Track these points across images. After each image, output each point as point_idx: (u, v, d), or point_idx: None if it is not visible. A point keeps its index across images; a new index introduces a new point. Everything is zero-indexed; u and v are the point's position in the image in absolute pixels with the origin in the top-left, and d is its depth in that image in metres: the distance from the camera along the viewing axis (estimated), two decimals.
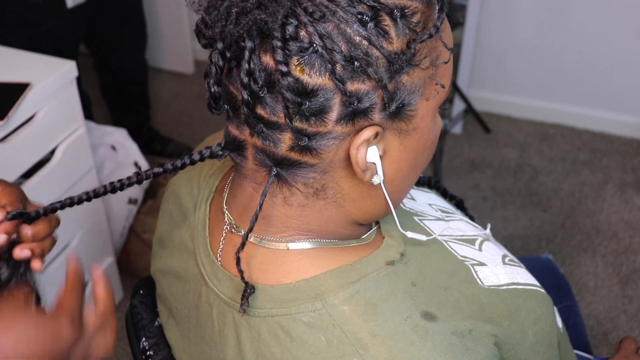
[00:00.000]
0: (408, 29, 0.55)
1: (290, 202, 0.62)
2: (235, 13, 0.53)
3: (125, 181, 0.65)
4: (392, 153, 0.60)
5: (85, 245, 1.62)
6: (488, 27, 2.49)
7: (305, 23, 0.53)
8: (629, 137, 2.51)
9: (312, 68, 0.54)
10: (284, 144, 0.57)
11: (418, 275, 0.65)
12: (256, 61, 0.54)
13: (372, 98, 0.55)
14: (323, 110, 0.55)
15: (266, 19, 0.52)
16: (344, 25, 0.53)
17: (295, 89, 0.54)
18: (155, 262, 0.82)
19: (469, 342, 0.62)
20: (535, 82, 2.56)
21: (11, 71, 1.39)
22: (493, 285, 0.70)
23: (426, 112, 0.60)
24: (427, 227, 0.75)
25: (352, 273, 0.62)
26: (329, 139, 0.57)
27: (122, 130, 1.92)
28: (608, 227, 2.11)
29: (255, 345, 0.63)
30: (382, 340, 0.59)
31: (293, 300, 0.61)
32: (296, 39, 0.53)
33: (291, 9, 0.53)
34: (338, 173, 0.60)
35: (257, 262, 0.64)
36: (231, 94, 0.59)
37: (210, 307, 0.68)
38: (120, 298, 1.85)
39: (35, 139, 1.38)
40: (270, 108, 0.56)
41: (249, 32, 0.53)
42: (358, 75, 0.54)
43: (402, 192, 0.66)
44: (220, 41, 0.56)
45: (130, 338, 0.87)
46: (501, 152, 2.45)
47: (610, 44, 2.38)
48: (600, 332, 1.77)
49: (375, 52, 0.54)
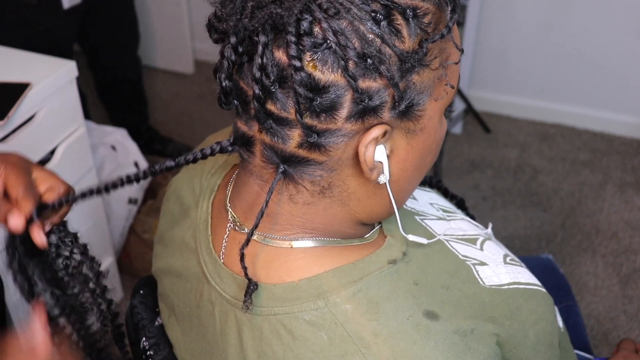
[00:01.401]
0: (420, 29, 0.55)
1: (296, 200, 0.62)
2: (250, 7, 0.54)
3: (140, 174, 0.66)
4: (398, 153, 0.61)
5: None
6: (488, 27, 2.49)
7: (320, 19, 0.53)
8: (629, 137, 2.51)
9: (325, 64, 0.54)
10: (293, 140, 0.57)
11: (420, 275, 0.65)
12: (269, 56, 0.55)
13: (383, 96, 0.55)
14: (334, 107, 0.55)
15: (282, 14, 0.52)
16: (358, 23, 0.54)
17: (307, 84, 0.54)
18: (157, 261, 0.82)
19: (471, 341, 0.62)
20: (535, 82, 2.56)
21: (11, 71, 1.39)
22: (494, 285, 0.70)
23: (434, 113, 0.60)
24: (429, 226, 0.75)
25: (354, 272, 0.62)
26: (338, 136, 0.57)
27: (122, 130, 1.92)
28: (608, 227, 2.11)
29: (257, 343, 0.63)
30: (384, 339, 0.59)
31: (295, 299, 0.61)
32: (310, 35, 0.53)
33: (306, 5, 0.53)
34: (345, 171, 0.60)
35: (261, 260, 0.65)
36: (241, 89, 0.59)
37: (212, 305, 0.68)
38: (120, 298, 1.85)
39: (35, 139, 1.38)
40: (281, 103, 0.56)
41: (263, 27, 0.53)
42: (370, 72, 0.54)
43: (406, 192, 0.67)
44: (233, 35, 0.56)
45: (130, 338, 0.87)
46: (501, 152, 2.45)
47: (610, 44, 2.38)
48: (600, 332, 1.77)
49: (387, 50, 0.54)
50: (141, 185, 1.88)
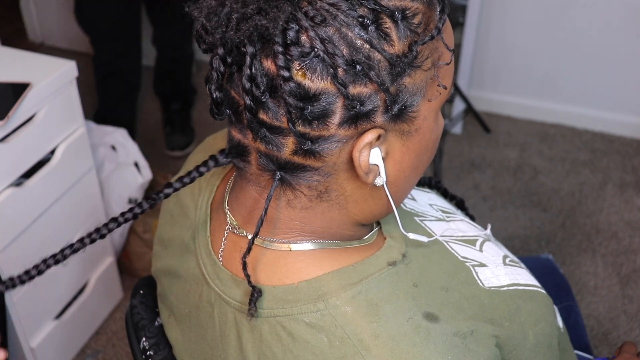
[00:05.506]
0: (409, 30, 0.55)
1: (294, 204, 0.62)
2: (235, 19, 0.53)
3: (136, 210, 0.63)
4: (394, 154, 0.60)
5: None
6: (488, 27, 2.49)
7: (307, 27, 0.53)
8: (629, 137, 2.51)
9: (314, 72, 0.53)
10: (287, 148, 0.57)
11: (419, 276, 0.65)
12: (258, 66, 0.54)
13: (375, 101, 0.55)
14: (326, 114, 0.55)
15: (267, 25, 0.52)
16: (345, 29, 0.53)
17: (297, 93, 0.53)
18: (156, 261, 0.82)
19: (471, 343, 0.62)
20: (535, 82, 2.56)
21: (11, 71, 1.39)
22: (494, 287, 0.70)
23: (428, 113, 0.60)
24: (428, 227, 0.75)
25: (354, 274, 0.62)
26: (332, 142, 0.57)
27: (122, 130, 1.91)
28: (608, 227, 2.11)
29: (257, 345, 0.62)
30: (384, 341, 0.59)
31: (295, 301, 0.61)
32: (297, 44, 0.53)
33: (292, 14, 0.53)
34: (341, 175, 0.60)
35: (261, 263, 0.64)
36: (233, 99, 0.59)
37: (211, 307, 0.68)
38: (120, 298, 1.85)
39: (35, 139, 1.38)
40: (272, 113, 0.56)
41: (249, 38, 0.53)
42: (360, 78, 0.54)
43: (404, 192, 0.66)
44: (221, 47, 0.56)
45: (130, 338, 0.87)
46: (501, 152, 2.45)
47: (610, 44, 2.38)
48: (600, 332, 1.77)
49: (376, 55, 0.54)
50: (141, 185, 1.88)
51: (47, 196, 1.45)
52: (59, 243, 1.53)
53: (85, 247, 0.63)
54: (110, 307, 1.81)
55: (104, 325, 1.79)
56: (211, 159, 0.64)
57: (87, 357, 1.71)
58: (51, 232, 1.49)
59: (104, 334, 1.76)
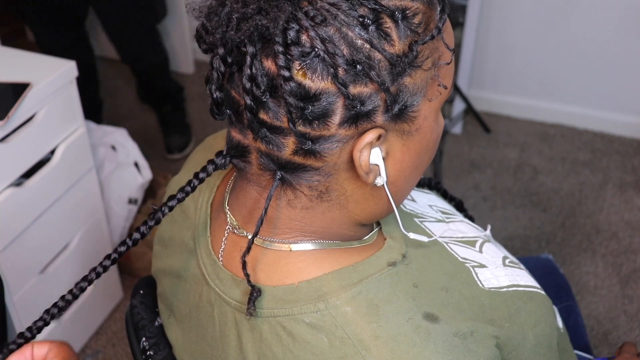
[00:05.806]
0: (410, 30, 0.55)
1: (294, 204, 0.62)
2: (236, 19, 0.53)
3: (144, 230, 0.64)
4: (395, 154, 0.60)
5: (85, 245, 1.62)
6: (488, 27, 2.49)
7: (307, 27, 0.53)
8: (629, 137, 2.51)
9: (315, 72, 0.53)
10: (288, 147, 0.57)
11: (419, 277, 0.65)
12: (258, 66, 0.54)
13: (375, 101, 0.55)
14: (326, 114, 0.55)
15: (267, 25, 0.52)
16: (346, 29, 0.53)
17: (297, 93, 0.53)
18: (156, 261, 0.82)
19: (471, 344, 0.62)
20: (535, 82, 2.56)
21: (11, 71, 1.39)
22: (493, 288, 0.70)
23: (429, 113, 0.60)
24: (428, 228, 0.75)
25: (354, 274, 0.62)
26: (333, 142, 0.57)
27: (122, 130, 1.91)
28: (608, 227, 2.11)
29: (257, 345, 0.63)
30: (384, 342, 0.59)
31: (295, 301, 0.61)
32: (298, 44, 0.53)
33: (292, 14, 0.53)
34: (342, 175, 0.60)
35: (261, 263, 0.65)
36: (233, 99, 0.59)
37: (211, 307, 0.68)
38: (120, 298, 1.85)
39: (35, 139, 1.38)
40: (273, 113, 0.56)
41: (250, 38, 0.53)
42: (360, 78, 0.54)
43: (404, 191, 0.66)
44: (221, 46, 0.55)
45: (130, 338, 0.87)
46: (501, 152, 2.45)
47: (610, 44, 2.38)
48: (600, 332, 1.77)
49: (377, 55, 0.54)
50: (141, 185, 1.88)
51: (47, 196, 1.45)
52: (59, 243, 1.53)
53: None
54: (110, 307, 1.81)
55: (104, 325, 1.79)
56: (210, 163, 0.64)
57: (87, 357, 1.71)
58: (51, 232, 1.49)
59: (104, 334, 1.76)
